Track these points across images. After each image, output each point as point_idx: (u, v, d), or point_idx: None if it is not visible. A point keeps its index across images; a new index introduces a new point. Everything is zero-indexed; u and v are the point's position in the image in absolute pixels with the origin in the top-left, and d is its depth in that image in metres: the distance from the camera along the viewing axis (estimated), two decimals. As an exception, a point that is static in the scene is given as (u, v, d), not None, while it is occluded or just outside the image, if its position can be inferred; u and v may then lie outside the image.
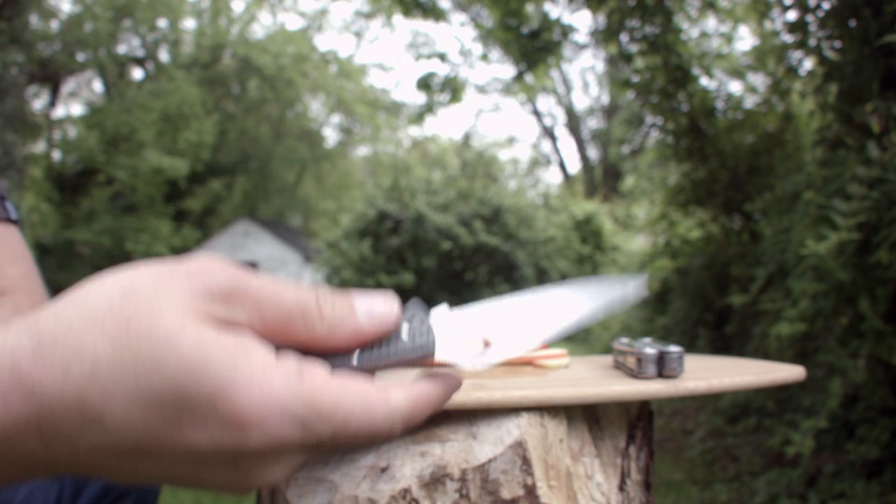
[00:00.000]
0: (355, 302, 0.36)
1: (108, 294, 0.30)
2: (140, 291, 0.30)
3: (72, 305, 0.30)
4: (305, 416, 0.31)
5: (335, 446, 0.33)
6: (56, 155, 14.16)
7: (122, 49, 14.63)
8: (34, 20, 11.76)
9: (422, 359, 0.38)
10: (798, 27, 2.39)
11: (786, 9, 2.64)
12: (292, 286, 0.34)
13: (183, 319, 0.30)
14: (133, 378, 0.29)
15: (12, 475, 0.31)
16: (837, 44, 2.26)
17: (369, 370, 0.36)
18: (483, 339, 0.40)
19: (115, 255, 13.16)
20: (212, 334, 0.30)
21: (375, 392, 0.34)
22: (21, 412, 0.28)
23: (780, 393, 2.71)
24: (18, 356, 0.29)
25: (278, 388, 0.30)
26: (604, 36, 3.70)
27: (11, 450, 0.29)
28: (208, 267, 0.32)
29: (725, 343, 3.50)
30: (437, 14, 4.70)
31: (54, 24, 13.06)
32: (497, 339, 0.41)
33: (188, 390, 0.29)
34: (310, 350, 0.35)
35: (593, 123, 20.10)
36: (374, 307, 0.36)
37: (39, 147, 13.65)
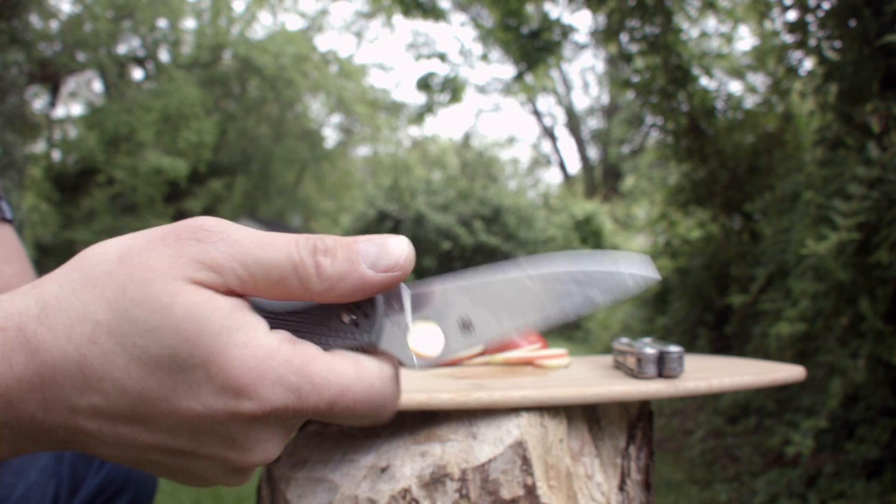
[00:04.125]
0: (360, 251, 0.33)
1: (106, 259, 0.31)
2: (134, 257, 0.30)
3: (75, 270, 0.31)
4: (299, 385, 0.31)
5: (336, 418, 0.33)
6: (56, 155, 14.15)
7: (122, 49, 14.62)
8: (34, 20, 11.76)
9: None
10: (798, 27, 2.39)
11: (786, 9, 2.64)
12: (288, 239, 0.33)
13: (175, 284, 0.30)
14: (131, 343, 0.29)
15: (12, 443, 0.31)
16: (837, 44, 2.26)
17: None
18: (462, 321, 0.37)
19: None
20: (204, 297, 0.30)
21: (370, 362, 0.34)
22: (25, 372, 0.29)
23: (780, 393, 2.71)
24: (24, 319, 0.30)
25: (271, 355, 0.31)
26: (604, 36, 3.70)
27: (14, 412, 0.30)
28: (199, 226, 0.32)
29: (725, 343, 3.50)
30: (437, 14, 4.70)
31: (54, 24, 13.05)
32: (480, 323, 0.37)
33: (182, 355, 0.29)
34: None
35: (593, 123, 20.11)
36: (381, 259, 0.33)
37: (39, 147, 13.64)
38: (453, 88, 5.62)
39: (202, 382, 0.30)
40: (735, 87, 5.01)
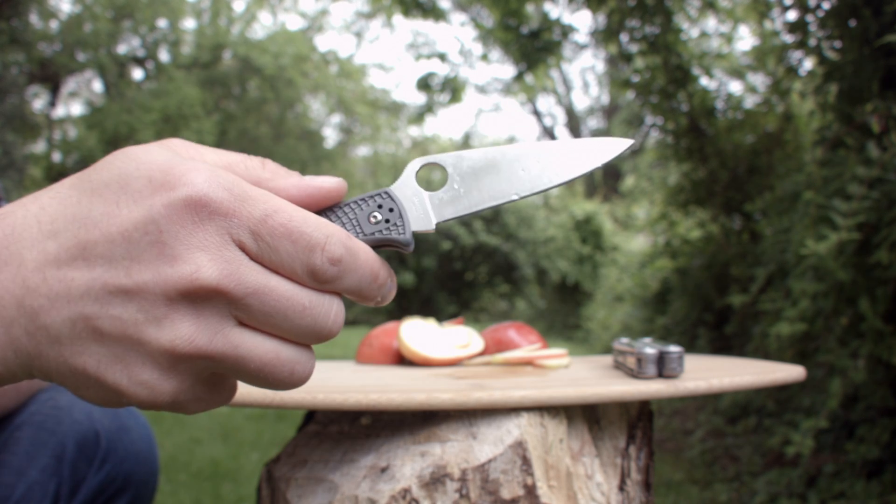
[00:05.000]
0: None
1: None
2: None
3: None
4: (234, 186, 0.32)
5: (273, 238, 0.32)
6: (56, 155, 14.15)
7: (122, 49, 14.62)
8: (34, 20, 11.76)
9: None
10: (798, 27, 2.39)
11: (786, 9, 2.64)
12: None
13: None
14: (87, 179, 0.32)
15: None
16: (837, 44, 2.26)
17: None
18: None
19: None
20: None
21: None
22: None
23: (780, 393, 2.71)
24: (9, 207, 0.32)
25: (216, 167, 0.33)
26: (604, 36, 3.70)
27: None
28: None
29: (725, 343, 3.50)
30: (437, 14, 4.69)
31: (54, 24, 13.05)
32: (465, 185, 0.40)
33: (130, 172, 0.32)
34: None
35: (593, 123, 20.10)
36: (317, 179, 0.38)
37: (39, 147, 13.64)
38: (453, 88, 5.62)
39: (143, 188, 0.31)
40: (735, 87, 5.02)
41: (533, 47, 3.96)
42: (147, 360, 0.31)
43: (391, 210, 0.39)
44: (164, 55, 15.29)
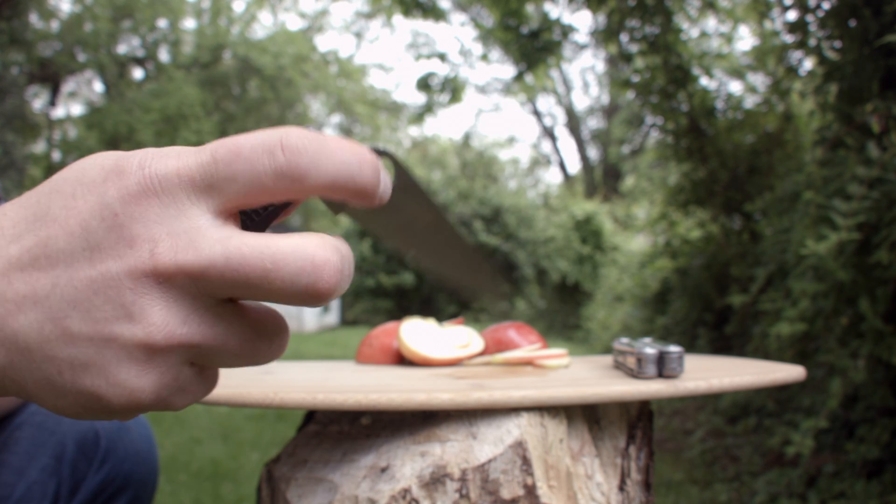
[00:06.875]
0: None
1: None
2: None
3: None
4: (181, 152, 0.30)
5: (226, 164, 0.30)
6: (56, 155, 14.15)
7: (122, 49, 14.62)
8: (34, 20, 11.76)
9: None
10: (798, 27, 2.39)
11: (786, 9, 2.64)
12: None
13: None
14: (51, 181, 0.31)
15: None
16: (837, 44, 2.26)
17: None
18: None
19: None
20: None
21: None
22: None
23: (780, 393, 2.71)
24: None
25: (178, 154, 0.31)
26: (604, 36, 3.70)
27: None
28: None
29: (725, 343, 3.50)
30: (437, 14, 4.70)
31: (54, 24, 13.05)
32: None
33: (89, 164, 0.31)
34: None
35: (593, 123, 20.10)
36: None
37: (39, 147, 13.64)
38: (453, 88, 5.62)
39: (97, 176, 0.30)
40: (735, 87, 5.02)
41: (533, 47, 3.96)
42: (122, 358, 0.30)
43: None
44: (164, 55, 15.29)
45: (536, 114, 20.33)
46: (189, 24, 15.57)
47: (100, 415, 0.31)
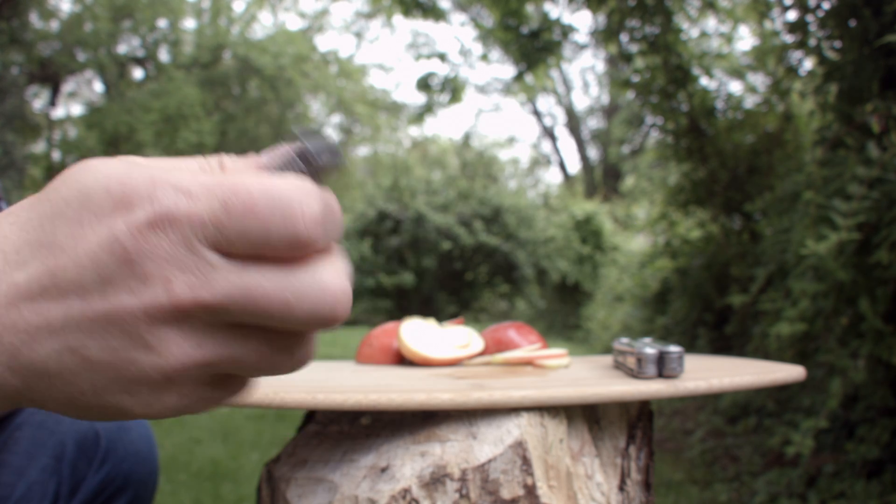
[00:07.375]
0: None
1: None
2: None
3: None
4: (191, 185, 0.29)
5: (240, 226, 0.29)
6: (56, 155, 14.15)
7: (122, 49, 14.62)
8: (34, 20, 11.76)
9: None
10: (798, 27, 2.39)
11: (786, 9, 2.64)
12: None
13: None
14: (45, 199, 0.30)
15: None
16: (837, 44, 2.26)
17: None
18: None
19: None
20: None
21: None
22: None
23: (780, 393, 2.71)
24: None
25: (165, 170, 0.30)
26: (604, 36, 3.70)
27: None
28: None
29: (725, 343, 3.50)
30: (437, 14, 4.69)
31: (54, 24, 13.06)
32: None
33: (91, 186, 0.29)
34: None
35: (593, 123, 20.10)
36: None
37: (39, 147, 13.64)
38: (453, 88, 5.62)
39: (103, 203, 0.29)
40: (735, 87, 5.02)
41: (533, 47, 3.96)
42: (143, 380, 0.30)
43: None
44: (164, 55, 15.29)
45: (536, 114, 20.33)
46: (189, 24, 15.58)
47: (124, 419, 0.32)
